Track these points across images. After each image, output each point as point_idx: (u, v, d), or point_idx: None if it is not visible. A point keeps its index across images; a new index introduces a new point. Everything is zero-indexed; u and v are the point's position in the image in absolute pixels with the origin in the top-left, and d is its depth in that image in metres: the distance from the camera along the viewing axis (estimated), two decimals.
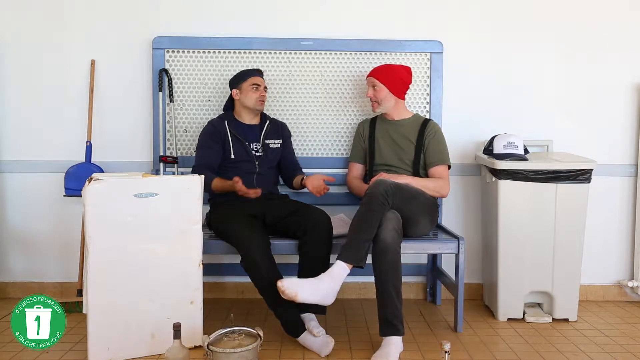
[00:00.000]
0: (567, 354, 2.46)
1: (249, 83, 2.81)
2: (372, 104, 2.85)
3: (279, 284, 2.26)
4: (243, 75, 2.84)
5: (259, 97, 2.82)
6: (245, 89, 2.82)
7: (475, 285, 3.22)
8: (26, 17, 3.09)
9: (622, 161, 3.21)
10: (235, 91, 2.85)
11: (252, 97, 2.81)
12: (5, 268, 3.18)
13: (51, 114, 3.13)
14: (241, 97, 2.83)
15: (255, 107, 2.83)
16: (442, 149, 2.81)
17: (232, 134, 2.80)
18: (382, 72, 2.81)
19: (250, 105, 2.82)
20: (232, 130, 2.81)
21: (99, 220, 2.27)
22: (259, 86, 2.82)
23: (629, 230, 3.23)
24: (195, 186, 2.38)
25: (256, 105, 2.82)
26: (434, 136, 2.80)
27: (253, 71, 2.86)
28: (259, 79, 2.84)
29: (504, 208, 2.80)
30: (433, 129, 2.82)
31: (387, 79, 2.79)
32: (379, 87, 2.80)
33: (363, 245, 2.36)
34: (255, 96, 2.81)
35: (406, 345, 2.41)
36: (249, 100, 2.81)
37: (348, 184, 2.99)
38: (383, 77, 2.79)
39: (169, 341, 2.14)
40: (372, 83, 2.82)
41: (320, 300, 2.30)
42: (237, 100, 2.85)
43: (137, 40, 3.10)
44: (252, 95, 2.81)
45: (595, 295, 3.25)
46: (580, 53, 3.17)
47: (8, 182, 3.15)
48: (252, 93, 2.81)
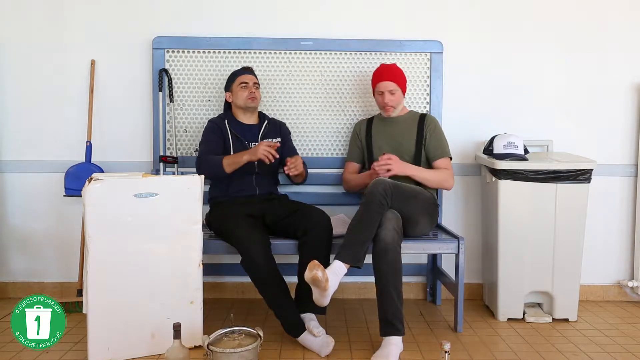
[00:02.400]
0: (567, 354, 2.46)
1: (237, 83, 2.83)
2: (387, 109, 2.81)
3: (312, 264, 2.24)
4: (232, 77, 2.87)
5: (249, 95, 2.81)
6: (235, 89, 2.83)
7: (475, 285, 3.22)
8: (26, 17, 3.09)
9: (622, 161, 3.21)
10: (228, 94, 2.88)
11: (242, 95, 2.81)
12: (5, 268, 3.18)
13: (51, 114, 3.13)
14: (233, 98, 2.85)
15: (246, 104, 2.82)
16: (442, 142, 2.82)
17: (232, 133, 2.80)
18: (397, 75, 2.79)
19: (241, 104, 2.82)
20: (231, 129, 2.81)
21: (99, 220, 2.27)
22: (247, 84, 2.82)
23: (629, 230, 3.23)
24: (195, 186, 2.38)
25: (247, 102, 2.82)
26: (434, 130, 2.81)
27: (240, 70, 2.87)
28: (247, 76, 2.84)
29: (504, 208, 2.80)
30: (432, 123, 2.83)
31: (402, 81, 2.81)
32: (396, 92, 2.78)
33: (361, 245, 2.36)
34: (244, 94, 2.81)
35: (406, 345, 2.41)
36: (239, 99, 2.82)
37: (344, 181, 2.98)
38: (399, 80, 2.79)
39: (169, 341, 2.14)
40: (388, 88, 2.76)
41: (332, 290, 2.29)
42: (231, 102, 2.87)
43: (137, 40, 3.10)
44: (241, 94, 2.81)
45: (595, 295, 3.25)
46: (580, 53, 3.17)
47: (8, 182, 3.15)
48: (241, 92, 2.81)
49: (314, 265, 2.24)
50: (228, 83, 2.88)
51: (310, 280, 2.24)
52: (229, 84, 2.87)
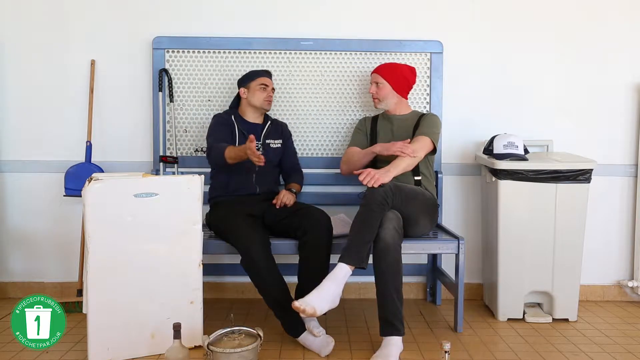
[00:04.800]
0: (567, 354, 2.46)
1: (257, 83, 2.83)
2: (374, 100, 2.87)
3: (296, 304, 2.23)
4: (252, 75, 2.86)
5: (267, 97, 2.84)
6: (253, 88, 2.83)
7: (475, 285, 3.22)
8: (26, 17, 3.09)
9: (622, 161, 3.21)
10: (243, 90, 2.86)
11: (260, 96, 2.83)
12: (5, 268, 3.18)
13: (51, 114, 3.13)
14: (248, 96, 2.84)
15: (263, 106, 2.85)
16: (430, 127, 2.74)
17: (238, 129, 2.81)
18: (386, 70, 2.83)
19: (257, 104, 2.83)
20: (238, 125, 2.82)
21: (99, 220, 2.27)
22: (267, 86, 2.84)
23: (629, 230, 3.23)
24: (195, 186, 2.38)
25: (263, 104, 2.84)
26: (425, 119, 2.79)
27: (262, 72, 2.88)
28: (268, 79, 2.86)
29: (504, 208, 2.80)
30: (428, 115, 2.83)
31: (391, 76, 2.81)
32: (382, 84, 2.81)
33: (364, 246, 2.36)
34: (263, 95, 2.83)
35: (406, 345, 2.41)
36: (257, 99, 2.83)
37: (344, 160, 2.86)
38: (387, 75, 2.81)
39: (169, 341, 2.14)
40: (375, 80, 2.84)
41: (332, 305, 2.28)
42: (244, 98, 2.87)
43: (137, 40, 3.10)
44: (259, 95, 2.83)
45: (595, 295, 3.25)
46: (580, 53, 3.17)
47: (8, 182, 3.15)
48: (260, 93, 2.83)
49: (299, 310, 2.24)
50: (246, 79, 2.86)
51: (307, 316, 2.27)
52: (246, 81, 2.85)
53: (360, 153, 2.81)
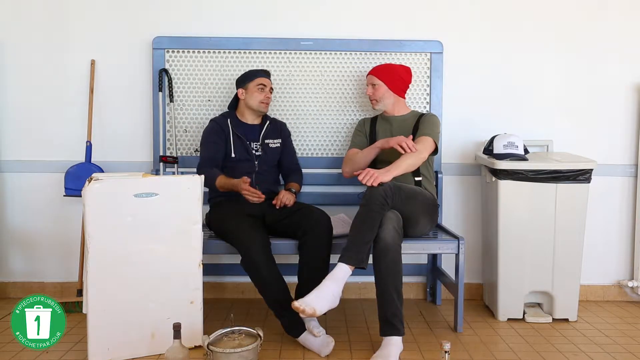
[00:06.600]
0: (567, 354, 2.46)
1: (256, 83, 2.82)
2: (371, 102, 2.88)
3: (296, 304, 2.22)
4: (250, 75, 2.85)
5: (264, 99, 2.83)
6: (251, 89, 2.82)
7: (475, 285, 3.22)
8: (26, 17, 3.09)
9: (622, 161, 3.21)
10: (241, 90, 2.85)
11: (257, 97, 2.82)
12: (5, 268, 3.18)
13: (51, 114, 3.13)
14: (246, 97, 2.84)
15: (259, 108, 2.83)
16: (431, 127, 2.74)
17: (234, 133, 2.81)
18: (381, 71, 2.84)
19: (254, 106, 2.83)
20: (234, 129, 2.81)
21: (99, 220, 2.27)
22: (265, 87, 2.83)
23: (629, 230, 3.23)
24: (195, 186, 2.38)
25: (260, 107, 2.83)
26: (425, 119, 2.79)
27: (260, 72, 2.86)
28: (266, 80, 2.85)
29: (504, 208, 2.80)
30: (427, 115, 2.83)
31: (387, 77, 2.81)
32: (378, 85, 2.82)
33: (364, 246, 2.36)
34: (260, 97, 2.82)
35: (406, 345, 2.41)
36: (254, 100, 2.82)
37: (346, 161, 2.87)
38: (382, 75, 2.82)
39: (169, 341, 2.14)
40: (371, 81, 2.85)
41: (332, 305, 2.28)
42: (242, 99, 2.86)
43: (137, 40, 3.10)
44: (257, 96, 2.82)
45: (595, 295, 3.25)
46: (580, 53, 3.17)
47: (8, 182, 3.15)
48: (258, 94, 2.82)
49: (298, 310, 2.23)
50: (244, 80, 2.84)
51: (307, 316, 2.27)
52: (244, 81, 2.84)
53: (363, 152, 2.81)
